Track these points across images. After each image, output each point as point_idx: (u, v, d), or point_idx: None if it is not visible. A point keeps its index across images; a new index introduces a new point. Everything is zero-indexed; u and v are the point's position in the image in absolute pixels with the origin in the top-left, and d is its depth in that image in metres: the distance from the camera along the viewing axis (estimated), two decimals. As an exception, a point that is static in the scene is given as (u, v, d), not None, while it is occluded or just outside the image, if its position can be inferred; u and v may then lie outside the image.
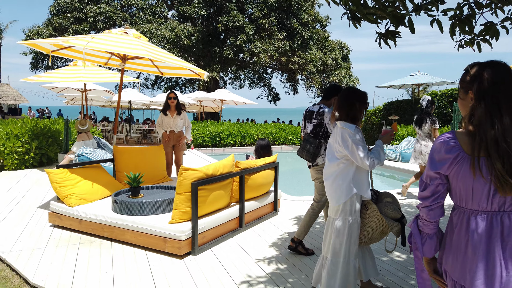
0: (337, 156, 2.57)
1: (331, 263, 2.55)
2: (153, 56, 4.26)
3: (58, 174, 4.26)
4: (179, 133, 6.02)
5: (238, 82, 33.90)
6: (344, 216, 2.53)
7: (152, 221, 3.63)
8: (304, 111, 3.70)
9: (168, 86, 31.49)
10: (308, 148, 3.45)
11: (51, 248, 3.66)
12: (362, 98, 2.61)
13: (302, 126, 3.70)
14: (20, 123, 8.47)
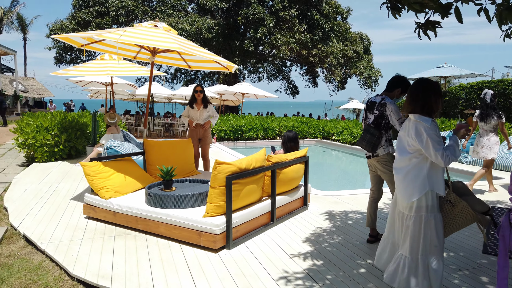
0: (409, 150, 2.49)
1: (411, 260, 2.46)
2: (184, 49, 4.24)
3: (92, 167, 4.32)
4: (205, 127, 6.01)
5: (257, 75, 33.79)
6: (418, 212, 2.45)
7: (186, 214, 3.64)
8: (366, 102, 3.73)
9: (187, 79, 31.67)
10: (368, 139, 3.49)
11: (88, 240, 3.72)
12: (437, 89, 2.50)
13: (363, 116, 3.74)
14: (50, 116, 8.66)
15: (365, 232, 4.06)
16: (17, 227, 4.10)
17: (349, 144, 12.28)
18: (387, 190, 3.88)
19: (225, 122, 13.16)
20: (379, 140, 3.47)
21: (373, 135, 3.47)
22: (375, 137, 3.46)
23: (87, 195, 4.37)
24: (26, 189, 5.74)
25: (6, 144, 11.50)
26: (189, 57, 5.86)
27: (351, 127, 12.52)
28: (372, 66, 27.13)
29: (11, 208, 4.75)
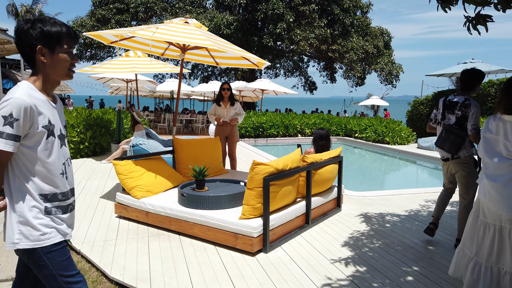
0: (506, 156, 2.29)
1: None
2: (218, 46, 4.13)
3: (124, 166, 4.28)
4: (232, 125, 5.91)
5: (273, 71, 33.56)
6: None
7: (221, 215, 3.55)
8: (442, 100, 3.62)
9: (204, 76, 31.70)
10: (453, 140, 3.37)
11: (122, 241, 3.68)
12: None
13: (440, 115, 3.62)
14: (75, 113, 8.72)
15: (406, 236, 3.89)
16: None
17: (373, 142, 12.01)
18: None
19: (245, 119, 13.06)
20: (463, 141, 3.36)
21: (459, 136, 3.36)
22: (460, 138, 3.35)
23: (118, 194, 4.33)
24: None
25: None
26: (218, 54, 5.76)
27: (375, 125, 12.24)
28: (393, 62, 26.57)
29: (43, 206, 4.76)
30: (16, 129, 1.49)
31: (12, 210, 1.57)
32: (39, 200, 1.60)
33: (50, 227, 1.62)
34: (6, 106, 1.49)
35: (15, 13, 29.78)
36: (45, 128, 1.59)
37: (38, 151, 1.58)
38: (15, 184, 1.57)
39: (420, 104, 15.64)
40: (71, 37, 1.63)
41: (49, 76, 1.63)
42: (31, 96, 1.55)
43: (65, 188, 1.69)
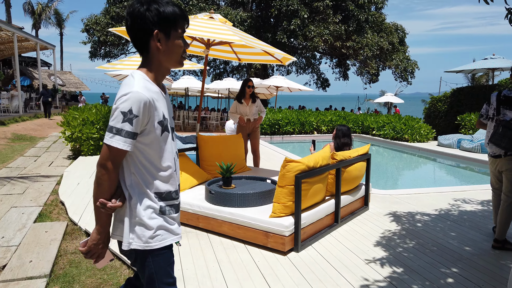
0: None
1: None
2: (246, 41, 4.06)
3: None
4: (254, 122, 5.85)
5: (285, 68, 33.38)
6: None
7: (251, 214, 3.49)
8: (496, 96, 3.48)
9: (216, 73, 31.68)
10: (511, 136, 3.24)
11: (150, 238, 3.64)
12: None
13: (494, 111, 3.49)
14: (95, 110, 8.76)
15: (439, 236, 3.78)
16: (77, 222, 4.09)
17: (391, 139, 11.83)
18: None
19: (273, 114, 12.97)
20: None
21: None
22: None
23: (144, 191, 4.31)
24: (79, 183, 5.79)
25: (49, 137, 11.82)
26: (240, 50, 5.69)
27: (393, 122, 12.04)
28: (408, 58, 26.15)
29: (68, 203, 4.76)
30: (135, 126, 1.38)
31: (127, 209, 1.47)
32: (154, 199, 1.49)
33: (162, 228, 1.50)
34: (125, 101, 1.36)
35: (31, 11, 30.18)
36: (160, 124, 1.46)
37: (153, 148, 1.46)
38: (131, 182, 1.47)
39: (438, 101, 15.35)
40: (185, 20, 1.48)
41: (162, 64, 1.49)
42: (148, 89, 1.42)
43: (176, 185, 1.58)
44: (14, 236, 3.69)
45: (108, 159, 1.39)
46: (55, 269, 3.09)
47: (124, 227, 1.48)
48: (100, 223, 1.46)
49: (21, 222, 4.12)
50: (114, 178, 1.43)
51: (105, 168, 1.40)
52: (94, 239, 1.48)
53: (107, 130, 1.40)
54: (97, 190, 1.42)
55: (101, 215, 1.45)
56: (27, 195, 5.17)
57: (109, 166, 1.40)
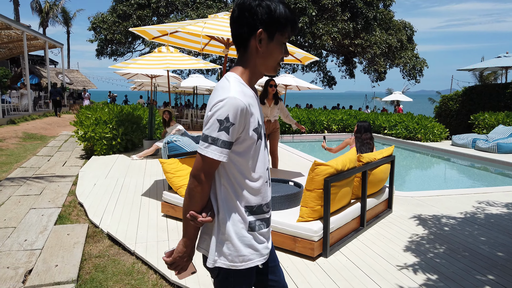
0: None
1: None
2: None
3: (171, 164, 4.19)
4: (275, 122, 5.78)
5: (291, 66, 33.25)
6: None
7: (277, 217, 3.42)
8: None
9: (221, 71, 31.61)
10: None
11: (175, 241, 3.59)
12: None
13: None
14: (107, 109, 8.73)
15: (469, 241, 3.69)
16: (98, 224, 4.05)
17: (404, 138, 11.70)
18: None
19: (272, 115, 12.90)
20: None
21: None
22: None
23: (166, 193, 4.25)
24: (95, 183, 5.75)
25: (60, 136, 11.82)
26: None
27: (406, 121, 11.91)
28: (417, 56, 25.91)
29: (87, 204, 4.72)
30: (231, 135, 1.27)
31: (215, 223, 1.37)
32: (243, 214, 1.36)
33: (250, 248, 1.38)
34: (221, 107, 1.25)
35: (39, 10, 30.25)
36: (256, 131, 1.33)
37: (246, 157, 1.34)
38: (221, 194, 1.36)
39: (449, 100, 15.19)
40: (294, 28, 1.35)
41: (257, 67, 1.36)
42: (245, 94, 1.30)
43: (268, 197, 1.44)
44: (37, 239, 3.66)
45: (202, 170, 1.29)
46: (81, 274, 3.04)
47: (211, 243, 1.39)
48: (187, 235, 1.38)
49: (41, 224, 4.08)
50: (206, 190, 1.33)
51: (198, 180, 1.30)
52: (180, 251, 1.39)
53: (201, 139, 1.29)
54: (189, 202, 1.34)
55: (190, 228, 1.37)
56: (45, 196, 5.14)
57: (203, 177, 1.30)
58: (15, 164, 7.26)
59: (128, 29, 26.34)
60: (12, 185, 5.65)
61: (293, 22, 1.34)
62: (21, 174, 6.38)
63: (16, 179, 6.02)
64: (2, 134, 10.51)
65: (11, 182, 5.81)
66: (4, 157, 8.00)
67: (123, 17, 26.76)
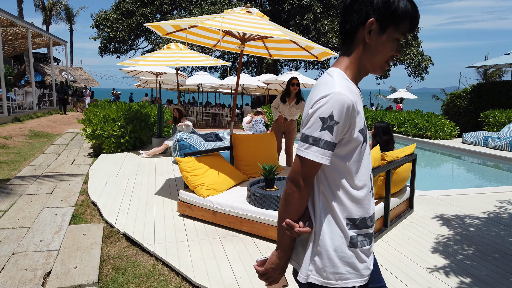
0: None
1: None
2: (292, 37, 3.87)
3: (188, 163, 4.09)
4: (291, 122, 5.65)
5: (294, 64, 33.11)
6: None
7: (301, 218, 3.32)
8: None
9: (225, 68, 31.48)
10: None
11: (194, 242, 3.49)
12: None
13: None
14: (115, 107, 8.63)
15: (498, 242, 3.58)
16: (114, 224, 3.95)
17: (413, 136, 11.57)
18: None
19: (279, 112, 12.77)
20: None
21: None
22: None
23: (182, 192, 4.15)
24: (107, 182, 5.66)
25: (65, 134, 11.74)
26: (273, 45, 5.49)
27: (415, 118, 11.78)
28: (422, 53, 25.72)
29: (100, 204, 4.63)
30: (335, 135, 1.13)
31: (312, 235, 1.24)
32: (344, 227, 1.20)
33: (349, 266, 1.22)
34: (325, 104, 1.12)
35: (42, 7, 30.15)
36: (361, 133, 1.19)
37: (349, 161, 1.19)
38: (320, 203, 1.21)
39: (457, 97, 15.04)
40: (413, 25, 1.18)
41: (362, 62, 1.22)
42: (351, 90, 1.16)
43: (372, 210, 1.28)
44: (53, 240, 3.56)
45: (301, 174, 1.16)
46: (101, 276, 2.95)
47: (305, 256, 1.25)
48: (282, 247, 1.26)
49: (56, 224, 3.99)
50: (306, 196, 1.19)
51: (297, 185, 1.17)
52: (273, 263, 1.28)
53: (300, 139, 1.17)
54: (285, 209, 1.21)
55: (285, 238, 1.24)
56: (56, 195, 5.04)
57: (301, 182, 1.17)
58: (24, 162, 7.18)
59: (131, 26, 26.25)
60: (22, 183, 5.56)
61: (413, 18, 1.18)
62: (31, 173, 6.29)
63: (26, 177, 5.94)
64: (8, 132, 10.43)
65: (21, 180, 5.73)
66: (11, 155, 7.92)
67: (127, 14, 26.65)
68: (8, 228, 3.82)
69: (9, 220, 4.04)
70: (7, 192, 5.09)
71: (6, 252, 3.25)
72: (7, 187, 5.30)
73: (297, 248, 1.30)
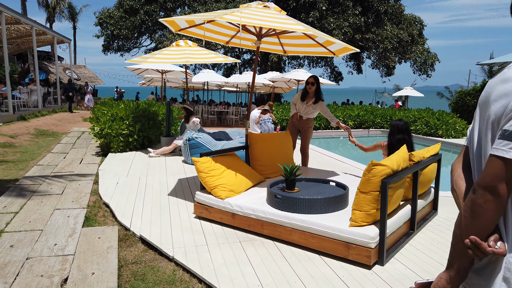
0: None
1: None
2: (314, 31, 3.72)
3: (205, 163, 3.95)
4: (307, 121, 5.48)
5: (297, 62, 32.92)
6: None
7: (326, 221, 3.17)
8: None
9: (228, 66, 31.33)
10: None
11: (214, 246, 3.35)
12: None
13: None
14: (122, 106, 8.49)
15: (529, 246, 3.42)
16: (129, 227, 3.82)
17: (424, 135, 11.39)
18: None
19: (287, 111, 12.62)
20: None
21: None
22: None
23: (199, 193, 4.01)
24: (117, 182, 5.52)
25: (71, 132, 11.62)
26: (288, 41, 5.33)
27: (425, 116, 11.59)
28: (428, 51, 25.48)
29: (113, 205, 4.49)
30: None
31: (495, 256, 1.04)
32: None
33: None
34: None
35: (46, 4, 30.01)
36: None
37: None
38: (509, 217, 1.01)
39: (466, 95, 14.85)
40: None
41: None
42: None
43: None
44: (67, 243, 3.43)
45: (502, 179, 0.96)
46: (120, 283, 2.81)
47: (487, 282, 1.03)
48: (456, 268, 1.06)
49: (69, 226, 3.86)
50: (502, 208, 0.98)
51: (493, 192, 0.97)
52: (441, 287, 1.09)
53: (500, 137, 0.98)
54: (471, 223, 1.01)
55: (462, 259, 1.04)
56: (67, 196, 4.91)
57: (501, 189, 0.96)
58: (31, 162, 7.05)
59: (135, 24, 26.09)
60: (31, 184, 5.43)
61: None
62: (39, 173, 6.16)
63: (35, 177, 5.81)
64: (14, 131, 10.31)
65: (30, 180, 5.60)
66: (18, 154, 7.80)
67: (130, 12, 26.50)
68: (20, 231, 3.69)
69: (21, 223, 3.91)
70: (17, 193, 4.96)
71: (20, 257, 3.12)
72: (16, 188, 5.18)
73: (471, 275, 1.09)
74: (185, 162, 7.08)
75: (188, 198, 4.81)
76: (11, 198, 4.73)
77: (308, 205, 3.37)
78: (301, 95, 5.32)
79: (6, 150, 8.05)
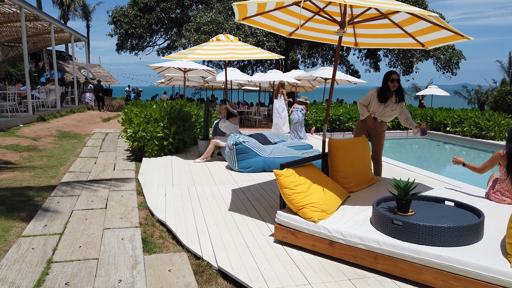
0: None
1: None
2: (421, 12, 2.98)
3: (289, 177, 3.25)
4: (381, 124, 4.72)
5: (310, 61, 32.17)
6: None
7: (471, 258, 2.45)
8: None
9: (240, 65, 30.65)
10: None
11: (319, 285, 2.64)
12: None
13: None
14: (156, 106, 7.84)
15: None
16: (200, 255, 3.13)
17: (472, 136, 10.57)
18: None
19: (321, 111, 11.88)
20: None
21: None
22: None
23: (281, 214, 3.31)
24: (166, 194, 4.85)
25: (94, 134, 11.02)
26: (364, 31, 4.60)
27: (473, 117, 10.76)
28: (453, 48, 24.53)
29: (171, 223, 3.81)
30: None
31: None
32: None
33: None
34: None
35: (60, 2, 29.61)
36: None
37: None
38: None
39: (507, 94, 13.97)
40: None
41: None
42: None
43: None
44: (134, 279, 2.75)
45: None
46: None
47: None
48: None
49: (127, 253, 3.18)
50: None
51: None
52: None
53: None
54: None
55: None
56: (113, 211, 4.25)
57: None
58: (61, 168, 6.42)
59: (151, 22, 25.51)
60: (67, 195, 4.78)
61: None
62: (73, 182, 5.51)
63: (69, 188, 5.16)
64: (36, 133, 9.73)
65: (64, 192, 4.95)
66: (45, 158, 7.18)
67: (145, 10, 25.98)
68: (71, 260, 3.03)
69: (70, 248, 3.24)
70: (54, 208, 4.31)
71: (82, 303, 2.44)
72: (52, 201, 4.53)
73: None
74: (230, 169, 6.39)
75: (253, 214, 4.11)
76: (50, 214, 4.08)
77: (438, 235, 2.65)
78: (380, 94, 4.53)
79: (31, 155, 7.44)
